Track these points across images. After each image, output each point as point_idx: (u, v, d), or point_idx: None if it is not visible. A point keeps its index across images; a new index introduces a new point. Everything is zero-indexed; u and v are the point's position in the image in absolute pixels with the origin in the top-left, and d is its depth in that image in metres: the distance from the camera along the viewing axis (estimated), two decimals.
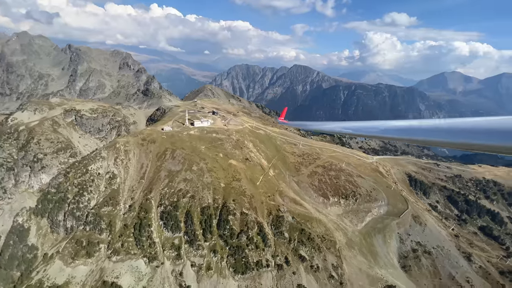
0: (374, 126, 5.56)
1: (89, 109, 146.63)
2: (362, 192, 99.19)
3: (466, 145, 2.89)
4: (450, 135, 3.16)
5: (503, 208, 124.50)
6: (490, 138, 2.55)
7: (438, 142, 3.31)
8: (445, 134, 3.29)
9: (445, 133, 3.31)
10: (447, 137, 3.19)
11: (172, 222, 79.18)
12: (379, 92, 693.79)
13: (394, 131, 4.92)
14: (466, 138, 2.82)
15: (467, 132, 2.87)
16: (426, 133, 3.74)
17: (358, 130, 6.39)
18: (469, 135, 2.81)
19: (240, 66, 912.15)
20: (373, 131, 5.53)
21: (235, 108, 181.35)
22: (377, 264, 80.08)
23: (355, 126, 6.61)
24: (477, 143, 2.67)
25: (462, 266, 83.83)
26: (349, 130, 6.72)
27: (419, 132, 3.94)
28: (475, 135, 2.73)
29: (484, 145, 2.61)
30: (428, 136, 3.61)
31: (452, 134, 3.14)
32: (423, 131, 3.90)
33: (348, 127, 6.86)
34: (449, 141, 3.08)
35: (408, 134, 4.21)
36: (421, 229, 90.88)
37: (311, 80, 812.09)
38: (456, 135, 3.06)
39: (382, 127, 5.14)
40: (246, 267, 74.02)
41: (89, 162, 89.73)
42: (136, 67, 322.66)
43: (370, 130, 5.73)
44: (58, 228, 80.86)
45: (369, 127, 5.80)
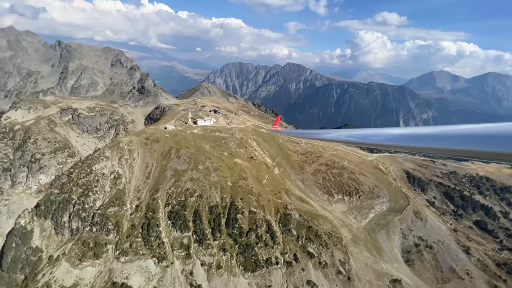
0: (378, 134, 5.30)
1: (86, 107, 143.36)
2: (364, 189, 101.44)
3: (483, 154, 2.60)
4: (463, 141, 2.92)
5: (495, 203, 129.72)
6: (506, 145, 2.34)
7: (451, 150, 3.02)
8: (457, 140, 3.01)
9: (457, 139, 3.04)
10: (460, 144, 2.92)
11: (181, 221, 78.96)
12: (371, 91, 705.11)
13: (400, 139, 4.55)
14: (482, 145, 2.60)
15: (484, 138, 2.68)
16: (434, 140, 3.45)
17: (363, 139, 5.81)
18: (486, 141, 2.61)
19: (233, 64, 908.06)
20: (378, 139, 5.20)
21: (234, 107, 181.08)
22: (382, 259, 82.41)
23: (359, 134, 6.17)
24: (495, 151, 2.43)
25: (461, 259, 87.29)
26: (355, 139, 6.27)
27: (426, 139, 3.59)
28: (491, 142, 2.54)
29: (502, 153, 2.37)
30: (438, 144, 3.27)
31: (465, 140, 2.91)
32: (430, 138, 3.57)
33: (352, 135, 6.45)
34: (463, 149, 2.81)
35: (416, 141, 3.76)
36: (422, 225, 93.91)
37: (304, 78, 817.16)
38: (469, 142, 2.82)
39: (387, 134, 4.85)
40: (256, 265, 74.79)
41: (93, 162, 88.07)
42: (129, 64, 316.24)
43: (375, 138, 5.38)
44: (63, 229, 79.22)
45: (374, 134, 5.47)
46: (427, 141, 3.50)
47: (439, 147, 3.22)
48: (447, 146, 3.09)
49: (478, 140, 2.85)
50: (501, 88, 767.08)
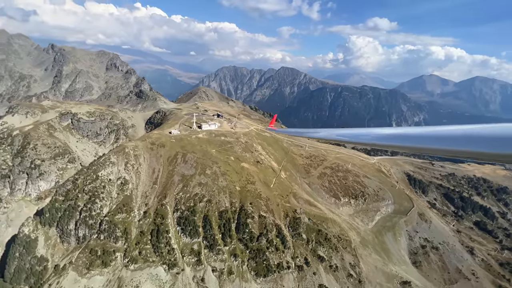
0: (368, 133, 5.57)
1: (86, 112, 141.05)
2: (370, 192, 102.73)
3: (471, 154, 2.76)
4: (452, 142, 3.06)
5: (493, 204, 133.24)
6: (495, 147, 2.47)
7: (439, 150, 3.18)
8: (447, 141, 3.17)
9: (447, 140, 3.20)
10: (449, 144, 3.07)
11: (190, 227, 78.10)
12: (364, 94, 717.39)
13: (389, 139, 4.78)
14: (471, 146, 2.74)
15: (472, 139, 2.82)
16: (422, 140, 3.65)
17: (353, 138, 6.13)
18: (474, 142, 2.75)
19: (228, 68, 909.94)
20: (367, 139, 5.44)
21: (235, 111, 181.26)
22: (390, 261, 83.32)
23: (349, 133, 6.61)
24: (483, 152, 2.57)
25: (466, 260, 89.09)
26: (345, 138, 6.78)
27: (415, 139, 3.82)
28: (480, 143, 2.66)
29: (491, 153, 2.50)
30: (426, 144, 3.49)
31: (453, 141, 3.05)
32: (418, 138, 3.79)
33: (342, 134, 6.92)
34: (451, 149, 2.96)
35: (404, 141, 4.01)
36: (427, 226, 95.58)
37: (298, 82, 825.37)
38: (457, 143, 2.96)
39: (376, 134, 5.11)
40: (268, 270, 74.47)
41: (98, 168, 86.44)
42: (125, 68, 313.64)
43: (365, 137, 5.61)
44: (69, 237, 77.14)
45: (364, 134, 5.74)
46: (413, 141, 3.79)
47: (423, 147, 3.51)
48: (429, 146, 3.39)
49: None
50: (488, 92, 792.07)
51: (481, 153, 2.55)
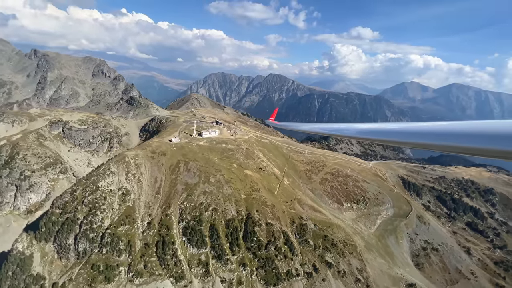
0: (348, 128, 5.83)
1: (78, 120, 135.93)
2: (370, 196, 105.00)
3: (456, 148, 2.90)
4: (431, 137, 3.28)
5: (481, 205, 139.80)
6: (483, 142, 2.63)
7: (418, 144, 3.42)
8: (429, 136, 3.38)
9: (430, 135, 3.42)
10: (428, 139, 3.28)
11: (197, 237, 76.22)
12: (350, 100, 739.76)
13: (368, 133, 4.99)
14: (454, 141, 2.91)
15: (455, 135, 2.99)
16: (396, 134, 3.96)
17: (336, 131, 6.40)
18: (457, 138, 2.91)
19: (216, 74, 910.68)
20: (348, 133, 5.62)
21: (231, 117, 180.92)
22: (395, 264, 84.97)
23: (332, 127, 6.94)
24: (467, 146, 2.73)
25: (464, 260, 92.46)
26: (327, 131, 7.04)
27: (394, 134, 4.06)
28: (464, 138, 2.84)
29: (478, 148, 2.64)
30: (400, 138, 3.78)
31: (430, 136, 3.29)
32: (393, 133, 4.06)
33: (325, 128, 7.29)
34: (428, 143, 3.18)
35: (384, 135, 4.27)
36: (426, 228, 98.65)
37: (286, 88, 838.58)
38: (438, 138, 3.15)
39: (356, 129, 5.36)
40: (277, 278, 73.72)
41: (98, 178, 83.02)
42: (112, 74, 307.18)
43: (346, 132, 5.83)
44: (68, 253, 72.91)
45: (345, 128, 6.01)
46: (391, 135, 4.10)
47: (400, 141, 3.81)
48: (405, 140, 3.71)
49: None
50: (464, 98, 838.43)
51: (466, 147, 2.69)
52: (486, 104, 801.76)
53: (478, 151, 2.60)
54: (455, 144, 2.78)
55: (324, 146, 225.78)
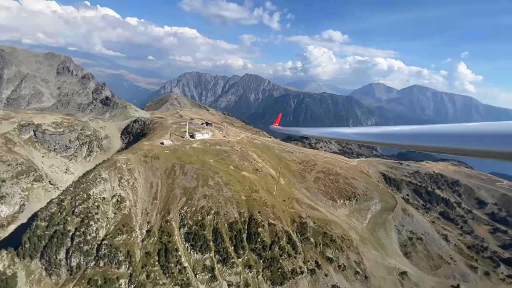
0: (352, 132, 6.11)
1: (52, 122, 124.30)
2: (360, 192, 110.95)
3: (455, 150, 2.99)
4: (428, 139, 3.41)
5: (450, 195, 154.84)
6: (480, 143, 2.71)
7: (419, 147, 3.51)
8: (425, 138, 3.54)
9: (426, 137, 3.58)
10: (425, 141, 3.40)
11: (201, 242, 74.48)
12: (323, 100, 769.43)
13: (377, 136, 5.23)
14: (455, 143, 3.01)
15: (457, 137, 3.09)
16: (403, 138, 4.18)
17: (341, 136, 6.54)
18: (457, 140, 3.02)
19: (191, 74, 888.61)
20: (358, 137, 5.82)
21: (217, 118, 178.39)
22: (387, 255, 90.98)
23: (335, 132, 7.07)
24: (467, 148, 2.79)
25: (444, 246, 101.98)
26: (333, 136, 7.25)
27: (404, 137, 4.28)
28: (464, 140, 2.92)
29: (476, 150, 2.72)
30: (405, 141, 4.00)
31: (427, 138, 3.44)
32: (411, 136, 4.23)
33: (330, 133, 7.45)
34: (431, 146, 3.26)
35: (389, 139, 4.51)
36: (410, 220, 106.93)
37: (262, 88, 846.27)
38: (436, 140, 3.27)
39: (362, 133, 5.59)
40: (283, 277, 74.91)
41: (88, 186, 76.94)
42: (80, 72, 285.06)
43: (354, 136, 5.98)
44: (59, 269, 66.58)
45: (351, 133, 6.20)
46: (397, 138, 4.37)
47: (406, 144, 4.07)
48: (410, 143, 3.94)
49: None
50: (423, 98, 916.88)
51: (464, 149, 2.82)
52: (442, 104, 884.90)
53: (476, 152, 2.70)
54: (457, 147, 2.87)
55: (306, 145, 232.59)
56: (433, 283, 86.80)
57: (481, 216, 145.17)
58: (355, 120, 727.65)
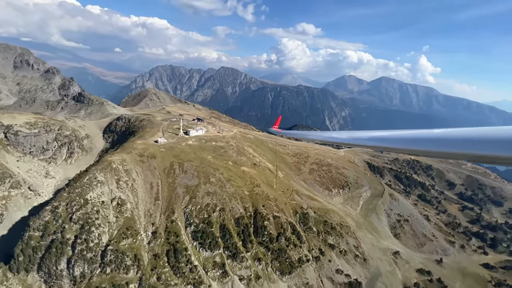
0: (357, 137, 6.02)
1: (25, 123, 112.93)
2: (351, 181, 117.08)
3: (461, 155, 2.94)
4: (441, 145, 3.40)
5: (425, 179, 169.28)
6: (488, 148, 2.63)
7: (433, 153, 3.48)
8: (440, 144, 3.47)
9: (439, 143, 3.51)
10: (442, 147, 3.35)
11: (209, 239, 74.13)
12: (300, 93, 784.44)
13: (379, 140, 5.13)
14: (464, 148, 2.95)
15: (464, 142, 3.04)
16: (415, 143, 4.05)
17: (344, 140, 6.52)
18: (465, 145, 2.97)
19: (164, 67, 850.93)
20: (360, 141, 5.86)
21: (204, 114, 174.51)
22: (380, 237, 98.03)
23: (336, 137, 6.91)
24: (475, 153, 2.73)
25: (426, 226, 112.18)
26: (337, 140, 7.14)
27: (409, 142, 4.15)
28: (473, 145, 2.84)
29: (484, 155, 2.64)
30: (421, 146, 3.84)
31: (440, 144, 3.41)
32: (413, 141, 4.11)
33: (334, 138, 7.38)
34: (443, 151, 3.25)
35: (398, 143, 4.38)
36: (397, 204, 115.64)
37: (239, 82, 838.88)
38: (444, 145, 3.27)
39: (364, 137, 5.41)
40: (291, 267, 77.64)
41: (84, 190, 72.00)
42: (42, 66, 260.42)
43: (358, 140, 5.94)
44: (61, 280, 62.20)
45: (356, 137, 6.12)
46: (400, 142, 4.33)
47: (412, 148, 4.10)
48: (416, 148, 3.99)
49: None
50: (391, 90, 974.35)
51: (482, 155, 2.70)
52: (407, 94, 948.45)
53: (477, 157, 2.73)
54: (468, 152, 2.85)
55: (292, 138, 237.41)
56: (421, 259, 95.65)
57: (451, 196, 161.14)
58: (330, 112, 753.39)
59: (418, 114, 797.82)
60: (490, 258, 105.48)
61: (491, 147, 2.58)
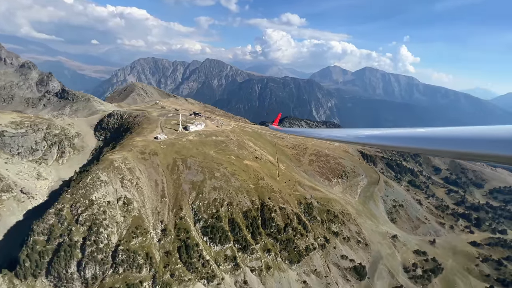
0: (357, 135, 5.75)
1: (10, 122, 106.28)
2: (348, 170, 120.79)
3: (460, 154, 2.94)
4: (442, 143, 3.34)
5: (413, 166, 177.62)
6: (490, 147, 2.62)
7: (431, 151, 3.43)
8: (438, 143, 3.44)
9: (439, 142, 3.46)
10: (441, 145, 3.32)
11: (219, 234, 74.71)
12: (286, 84, 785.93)
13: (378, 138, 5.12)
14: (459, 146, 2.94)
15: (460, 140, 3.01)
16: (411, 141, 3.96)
17: (347, 138, 6.40)
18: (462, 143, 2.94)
19: (146, 60, 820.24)
20: (362, 139, 5.60)
21: (198, 108, 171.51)
22: (379, 223, 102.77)
23: (337, 134, 6.94)
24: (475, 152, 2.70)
25: (419, 210, 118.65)
26: (338, 138, 6.97)
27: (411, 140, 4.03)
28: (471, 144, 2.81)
29: (486, 154, 2.62)
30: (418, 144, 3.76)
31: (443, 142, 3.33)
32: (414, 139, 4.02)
33: (336, 136, 7.07)
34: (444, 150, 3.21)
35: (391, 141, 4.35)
36: (392, 190, 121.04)
37: (225, 74, 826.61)
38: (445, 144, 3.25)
39: (366, 135, 5.36)
40: (299, 255, 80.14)
41: (88, 191, 69.67)
42: (16, 61, 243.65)
43: (363, 139, 5.67)
44: (72, 283, 60.66)
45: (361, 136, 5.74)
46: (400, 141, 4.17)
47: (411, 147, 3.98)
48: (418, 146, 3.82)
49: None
50: (374, 79, 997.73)
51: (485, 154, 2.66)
52: (389, 84, 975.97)
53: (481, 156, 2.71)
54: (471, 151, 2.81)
55: None
56: (416, 241, 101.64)
57: (438, 181, 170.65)
58: (317, 103, 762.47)
59: (401, 103, 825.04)
60: (476, 236, 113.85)
61: (502, 147, 2.52)
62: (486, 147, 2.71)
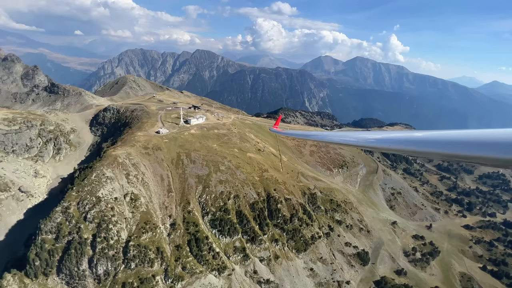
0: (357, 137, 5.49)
1: (2, 119, 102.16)
2: (348, 160, 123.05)
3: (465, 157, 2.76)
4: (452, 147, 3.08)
5: None
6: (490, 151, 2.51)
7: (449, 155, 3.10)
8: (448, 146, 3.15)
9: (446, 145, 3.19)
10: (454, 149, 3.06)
11: (228, 226, 75.55)
12: (279, 75, 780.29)
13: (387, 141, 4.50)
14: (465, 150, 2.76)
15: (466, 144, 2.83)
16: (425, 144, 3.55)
17: (354, 140, 5.78)
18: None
19: (134, 51, 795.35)
20: (369, 142, 5.24)
21: (195, 101, 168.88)
22: (379, 210, 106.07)
23: (340, 136, 6.46)
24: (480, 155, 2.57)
25: (416, 196, 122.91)
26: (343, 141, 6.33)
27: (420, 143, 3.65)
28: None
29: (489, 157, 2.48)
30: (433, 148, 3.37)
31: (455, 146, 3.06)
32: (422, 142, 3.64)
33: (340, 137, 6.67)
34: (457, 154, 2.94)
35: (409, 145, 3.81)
36: (390, 179, 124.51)
37: (216, 65, 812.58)
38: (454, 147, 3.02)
39: (372, 138, 5.16)
40: (306, 244, 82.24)
41: (94, 188, 68.57)
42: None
43: (372, 142, 5.23)
44: (84, 280, 60.46)
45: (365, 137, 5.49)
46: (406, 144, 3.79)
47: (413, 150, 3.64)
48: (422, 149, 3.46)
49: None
50: (365, 69, 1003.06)
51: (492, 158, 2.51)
52: (380, 73, 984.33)
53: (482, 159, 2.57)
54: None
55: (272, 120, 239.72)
56: (414, 227, 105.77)
57: (431, 168, 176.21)
58: (309, 93, 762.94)
59: (391, 92, 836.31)
60: (468, 220, 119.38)
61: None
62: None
